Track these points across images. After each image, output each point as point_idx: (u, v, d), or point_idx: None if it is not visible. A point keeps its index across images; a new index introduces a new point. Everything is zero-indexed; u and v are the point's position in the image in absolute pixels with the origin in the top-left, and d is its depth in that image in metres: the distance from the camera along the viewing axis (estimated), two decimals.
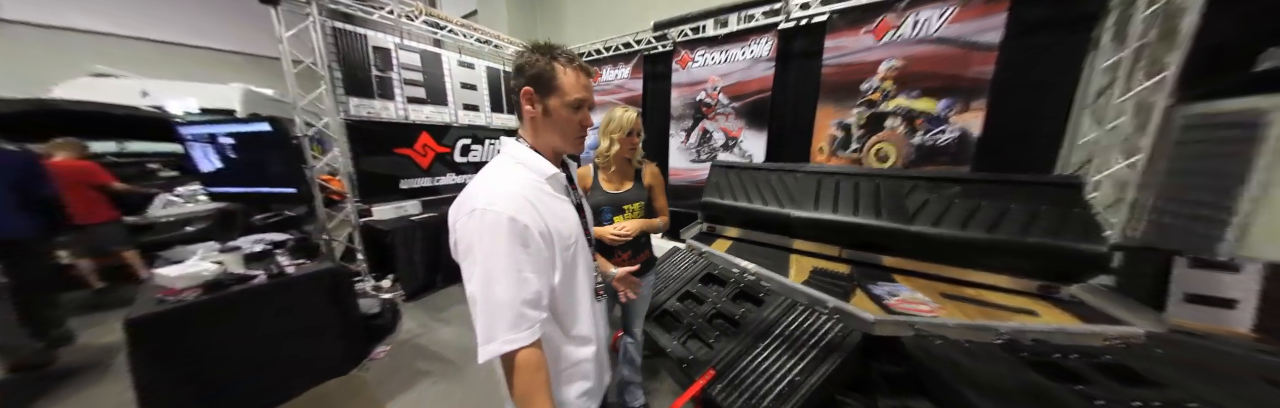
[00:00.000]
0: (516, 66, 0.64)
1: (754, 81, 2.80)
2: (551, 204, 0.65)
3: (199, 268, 1.58)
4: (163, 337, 1.37)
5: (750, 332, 1.35)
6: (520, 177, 0.65)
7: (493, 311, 0.55)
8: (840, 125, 2.41)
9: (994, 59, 1.85)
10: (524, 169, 0.66)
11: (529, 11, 4.95)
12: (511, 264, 0.55)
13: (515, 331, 0.55)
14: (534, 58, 0.62)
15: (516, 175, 0.65)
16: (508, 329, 0.55)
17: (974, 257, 1.34)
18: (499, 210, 0.56)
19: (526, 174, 0.66)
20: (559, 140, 0.68)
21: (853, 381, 1.16)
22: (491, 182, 0.62)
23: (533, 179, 0.65)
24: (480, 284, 0.55)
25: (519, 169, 0.66)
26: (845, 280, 1.35)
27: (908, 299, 1.20)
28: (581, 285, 0.71)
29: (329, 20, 2.57)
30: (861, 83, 2.28)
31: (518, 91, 0.63)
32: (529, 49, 0.64)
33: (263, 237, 2.18)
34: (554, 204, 0.66)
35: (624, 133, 1.17)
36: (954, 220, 1.36)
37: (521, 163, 0.67)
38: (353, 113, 2.76)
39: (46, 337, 2.02)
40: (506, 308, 0.55)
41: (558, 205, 0.67)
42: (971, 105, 1.94)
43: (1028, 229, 1.25)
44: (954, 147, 2.02)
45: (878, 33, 2.20)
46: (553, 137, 0.67)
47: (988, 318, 1.10)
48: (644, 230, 1.19)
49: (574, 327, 0.70)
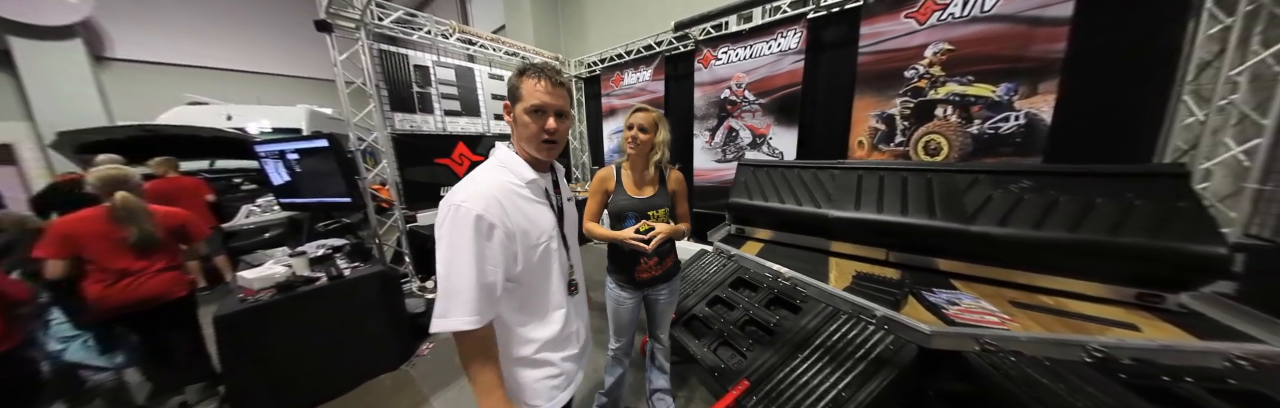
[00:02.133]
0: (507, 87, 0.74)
1: (782, 75, 2.67)
2: (523, 206, 0.72)
3: (272, 271, 1.75)
4: (244, 332, 1.52)
5: (787, 341, 1.27)
6: (498, 179, 0.71)
7: (452, 293, 0.62)
8: (881, 117, 2.24)
9: (1065, 34, 1.64)
10: (506, 172, 0.73)
11: (552, 22, 5.09)
12: (473, 256, 0.62)
13: (467, 314, 0.61)
14: (511, 76, 0.71)
15: (495, 177, 0.71)
16: (462, 311, 0.61)
17: (1052, 260, 1.17)
18: (470, 207, 0.63)
19: (505, 177, 0.72)
20: (527, 146, 0.73)
21: (908, 400, 1.05)
22: (472, 181, 0.69)
23: (509, 182, 0.71)
24: (444, 269, 0.62)
25: (501, 172, 0.73)
26: (895, 287, 1.23)
27: (971, 308, 1.07)
28: (553, 281, 0.78)
29: (375, 43, 2.77)
30: (904, 70, 2.11)
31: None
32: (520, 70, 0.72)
33: (324, 242, 2.38)
34: (526, 206, 0.72)
35: (627, 126, 1.17)
36: (1025, 219, 1.21)
37: (505, 166, 0.73)
38: (397, 127, 2.96)
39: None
40: (464, 292, 0.62)
41: (530, 208, 0.73)
42: (1040, 88, 1.73)
43: (1120, 227, 1.07)
44: (1020, 135, 1.80)
45: (921, 15, 2.02)
46: (522, 143, 0.73)
47: (1073, 332, 0.95)
48: (671, 237, 1.15)
49: (540, 317, 0.77)
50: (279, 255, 2.06)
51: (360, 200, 2.68)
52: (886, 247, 1.52)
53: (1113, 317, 1.03)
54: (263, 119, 4.60)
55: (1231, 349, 0.82)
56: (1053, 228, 1.15)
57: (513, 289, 0.72)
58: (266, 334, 1.58)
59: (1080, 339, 0.88)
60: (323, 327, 1.74)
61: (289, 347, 1.64)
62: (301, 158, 2.57)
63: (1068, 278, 1.16)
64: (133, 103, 5.42)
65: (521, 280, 0.73)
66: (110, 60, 5.47)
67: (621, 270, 1.26)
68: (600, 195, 1.25)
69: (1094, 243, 1.08)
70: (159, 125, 3.60)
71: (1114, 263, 1.08)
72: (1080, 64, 1.64)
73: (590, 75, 4.54)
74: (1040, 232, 1.16)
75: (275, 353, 1.60)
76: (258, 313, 1.56)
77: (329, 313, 1.76)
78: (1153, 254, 1.01)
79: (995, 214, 1.26)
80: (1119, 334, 0.92)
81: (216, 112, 4.52)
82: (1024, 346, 0.90)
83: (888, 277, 1.34)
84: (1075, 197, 1.19)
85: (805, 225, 1.70)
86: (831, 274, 1.45)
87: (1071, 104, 1.67)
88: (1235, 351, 0.82)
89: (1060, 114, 1.69)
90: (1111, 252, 1.06)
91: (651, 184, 1.24)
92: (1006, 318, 1.01)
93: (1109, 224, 1.09)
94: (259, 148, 2.67)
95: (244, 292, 1.65)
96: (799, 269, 1.41)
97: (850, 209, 1.57)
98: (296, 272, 1.86)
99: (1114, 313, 1.05)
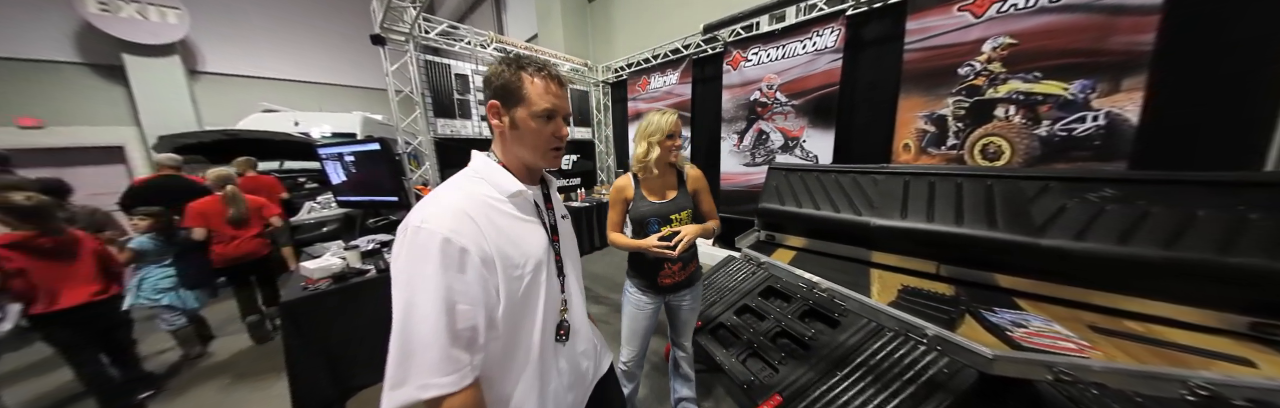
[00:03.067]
0: (485, 79, 0.60)
1: (817, 76, 2.57)
2: (506, 225, 0.57)
3: (330, 262, 1.91)
4: (306, 317, 1.68)
5: (824, 356, 1.19)
6: (472, 191, 0.58)
7: (409, 348, 0.45)
8: (930, 118, 2.09)
9: (1155, 24, 1.45)
10: (483, 184, 0.60)
11: (581, 29, 5.22)
12: (441, 294, 0.46)
13: (437, 374, 0.45)
14: (499, 69, 0.58)
15: (469, 189, 0.58)
16: (428, 372, 0.45)
17: (1142, 281, 1.03)
18: (432, 228, 0.48)
19: (483, 189, 0.59)
20: (530, 154, 0.62)
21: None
22: (436, 196, 0.55)
23: (487, 195, 0.58)
24: (401, 317, 0.46)
25: (477, 184, 0.60)
26: (949, 304, 1.13)
27: (1042, 332, 0.96)
28: (536, 324, 0.59)
29: (422, 55, 2.96)
30: (958, 67, 1.95)
31: (485, 104, 0.61)
32: (497, 61, 0.60)
33: (374, 237, 2.58)
34: (510, 225, 0.58)
35: (664, 135, 1.12)
36: (1108, 232, 1.07)
37: (483, 177, 0.61)
38: (439, 132, 3.13)
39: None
40: (429, 347, 0.45)
41: (516, 227, 0.59)
42: (1123, 85, 1.54)
43: (1230, 245, 0.92)
44: (1099, 137, 1.61)
45: (978, 8, 1.87)
46: (522, 151, 0.62)
47: (1170, 364, 0.83)
48: (701, 235, 1.12)
49: (513, 374, 0.57)
50: (335, 249, 2.24)
51: (406, 199, 2.86)
52: (937, 259, 1.40)
53: (1220, 349, 0.88)
54: (324, 125, 5.03)
55: None
56: (1143, 244, 1.01)
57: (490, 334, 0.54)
58: (323, 320, 1.73)
59: (1180, 373, 0.76)
60: (374, 315, 1.86)
61: (343, 331, 1.78)
62: (356, 160, 2.78)
63: (1162, 302, 1.01)
64: (218, 111, 6.12)
65: (495, 323, 0.55)
66: (201, 73, 6.23)
67: (643, 275, 1.24)
68: (621, 205, 1.23)
69: (1198, 262, 0.93)
70: (239, 130, 4.06)
71: (1222, 286, 0.93)
72: (1173, 57, 1.44)
73: (617, 80, 4.59)
74: (1128, 248, 1.02)
75: (331, 337, 1.75)
76: (316, 301, 1.71)
77: (377, 303, 1.88)
78: (1272, 277, 0.86)
79: (1070, 227, 1.13)
80: (1229, 369, 0.79)
81: (286, 118, 4.99)
82: (1108, 377, 0.79)
83: (940, 292, 1.24)
84: (1171, 208, 1.04)
85: (843, 234, 1.61)
86: (874, 287, 1.35)
87: (1163, 103, 1.48)
88: None
89: (1149, 114, 1.49)
90: (1219, 273, 0.91)
91: (671, 187, 1.22)
92: (1086, 345, 0.89)
93: (1215, 241, 0.94)
94: (321, 150, 2.92)
95: (306, 281, 1.81)
96: (837, 280, 1.33)
97: (896, 218, 1.46)
98: (350, 264, 2.01)
99: (1221, 344, 0.90)
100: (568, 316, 0.67)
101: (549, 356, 0.62)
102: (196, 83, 6.09)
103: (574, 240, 0.78)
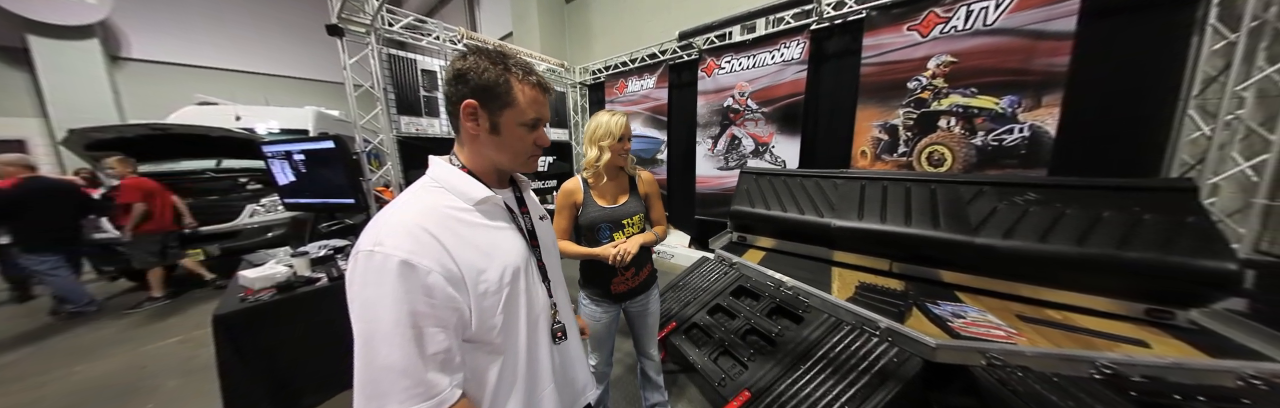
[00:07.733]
0: (457, 73, 0.50)
1: (785, 85, 2.70)
2: (473, 235, 0.52)
3: (273, 271, 1.74)
4: (243, 331, 1.51)
5: (789, 352, 1.25)
6: (431, 203, 0.52)
7: (376, 377, 0.42)
8: (884, 127, 2.25)
9: (1068, 48, 1.65)
10: (443, 194, 0.54)
11: (558, 30, 5.19)
12: (407, 320, 0.43)
13: (418, 400, 0.42)
14: (483, 65, 0.50)
15: (427, 202, 0.52)
16: (402, 400, 0.42)
17: (1058, 274, 1.16)
18: (387, 252, 0.44)
19: (443, 200, 0.53)
20: (507, 160, 0.57)
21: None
22: (388, 214, 0.49)
23: (449, 206, 0.53)
24: (362, 350, 0.43)
25: (436, 194, 0.53)
26: (899, 298, 1.21)
27: (977, 322, 1.05)
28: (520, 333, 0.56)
29: (385, 48, 2.82)
30: (907, 81, 2.12)
31: (457, 102, 0.51)
32: (472, 51, 0.51)
33: (326, 243, 2.38)
34: (478, 235, 0.53)
35: (614, 139, 1.05)
36: (1031, 231, 1.20)
37: (443, 186, 0.54)
38: (403, 130, 2.98)
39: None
40: (398, 374, 0.42)
41: (486, 236, 0.54)
42: (1043, 101, 1.74)
43: (1128, 242, 1.06)
44: (1024, 147, 1.81)
45: (924, 28, 2.05)
46: (500, 156, 0.56)
47: (1081, 347, 0.94)
48: (645, 245, 1.11)
49: (505, 382, 0.55)
50: (281, 255, 2.05)
51: (364, 202, 2.69)
52: (890, 257, 1.50)
53: (1122, 333, 1.01)
54: (271, 120, 4.64)
55: (1244, 368, 0.81)
56: (1059, 241, 1.14)
57: (470, 349, 0.52)
58: (265, 334, 1.57)
59: (1089, 355, 0.87)
60: (323, 327, 1.72)
61: (288, 347, 1.62)
62: (307, 159, 2.59)
63: (1075, 292, 1.15)
64: (144, 102, 5.50)
65: (478, 339, 0.52)
66: (125, 60, 5.57)
67: (596, 285, 1.19)
68: (569, 210, 1.15)
69: (1102, 257, 1.07)
70: (168, 125, 3.64)
71: (1122, 278, 1.07)
72: (1084, 78, 1.65)
73: (594, 82, 4.59)
74: (1046, 245, 1.15)
75: (274, 353, 1.58)
76: (257, 313, 1.55)
77: (330, 314, 1.74)
78: (1162, 269, 1.00)
79: (1000, 226, 1.25)
80: (1128, 351, 0.91)
81: (225, 112, 4.56)
82: (1031, 361, 0.88)
83: (891, 288, 1.33)
84: (1082, 210, 1.18)
85: (807, 234, 1.70)
86: (834, 284, 1.43)
87: (1076, 117, 1.68)
88: (1248, 369, 0.80)
89: (1065, 127, 1.69)
90: (1120, 266, 1.05)
91: (623, 191, 1.18)
92: (1013, 333, 0.99)
93: (1117, 238, 1.08)
94: (266, 148, 2.69)
95: (245, 291, 1.65)
96: (801, 279, 1.40)
97: (853, 219, 1.56)
98: (298, 272, 1.85)
99: (1123, 329, 1.03)
100: (561, 316, 0.66)
101: (542, 358, 0.60)
102: (119, 70, 5.44)
103: (554, 243, 0.74)
